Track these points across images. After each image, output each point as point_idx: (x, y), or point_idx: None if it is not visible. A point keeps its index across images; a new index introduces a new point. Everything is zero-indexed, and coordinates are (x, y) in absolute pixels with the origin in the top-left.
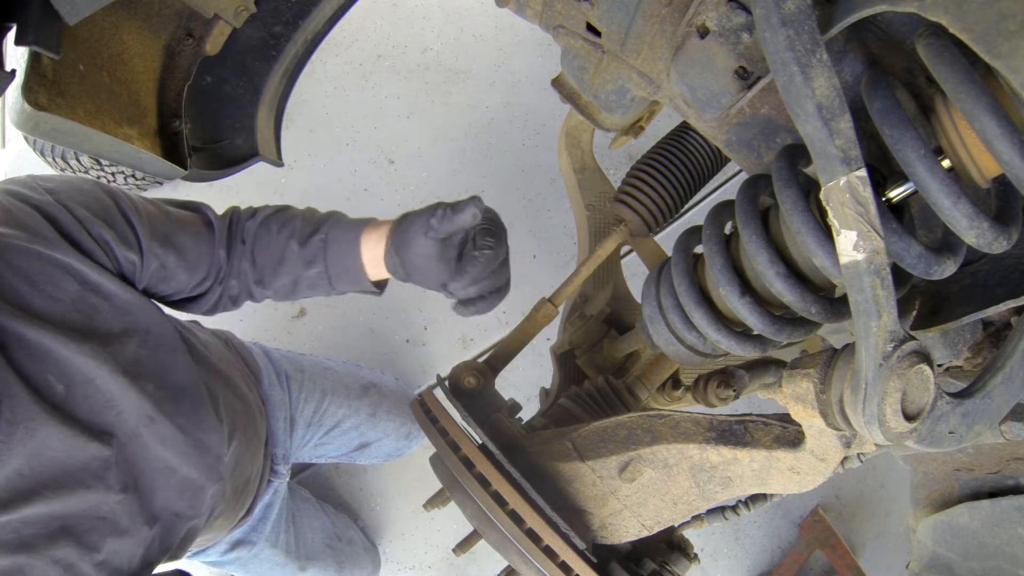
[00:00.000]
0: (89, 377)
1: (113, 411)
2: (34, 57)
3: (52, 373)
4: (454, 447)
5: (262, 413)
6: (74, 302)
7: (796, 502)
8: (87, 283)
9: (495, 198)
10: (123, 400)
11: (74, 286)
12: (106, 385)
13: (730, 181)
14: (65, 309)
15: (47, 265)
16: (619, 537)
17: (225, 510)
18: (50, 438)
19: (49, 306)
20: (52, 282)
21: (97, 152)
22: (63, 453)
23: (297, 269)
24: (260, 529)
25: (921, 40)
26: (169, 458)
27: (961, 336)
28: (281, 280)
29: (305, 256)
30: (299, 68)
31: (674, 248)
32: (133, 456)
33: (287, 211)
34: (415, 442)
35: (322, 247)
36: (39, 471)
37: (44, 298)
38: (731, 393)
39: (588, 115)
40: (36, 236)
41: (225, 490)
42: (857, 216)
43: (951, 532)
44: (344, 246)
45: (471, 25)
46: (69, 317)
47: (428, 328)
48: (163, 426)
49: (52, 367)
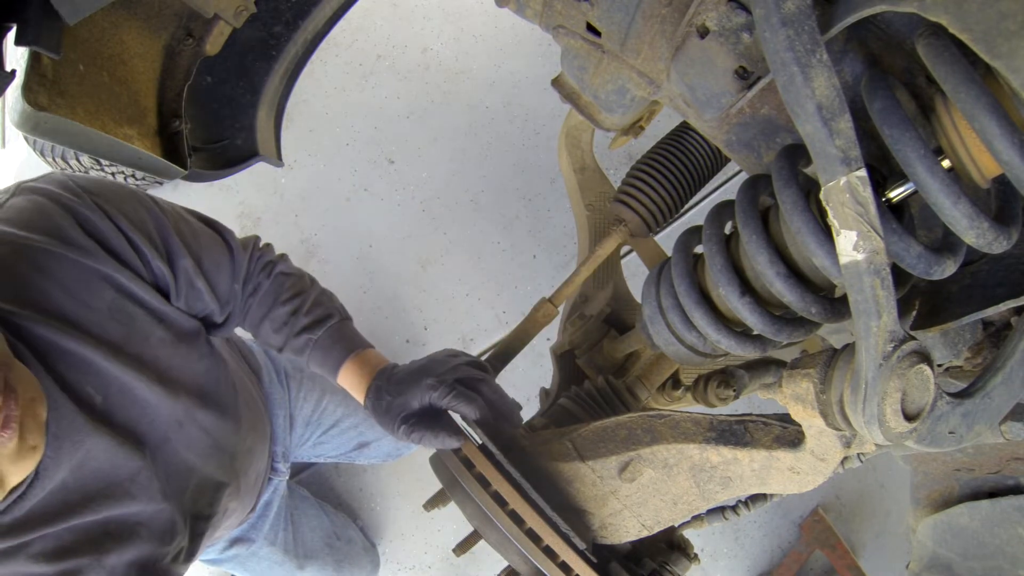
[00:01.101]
0: (127, 387)
1: (147, 420)
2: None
3: (91, 384)
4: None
5: (266, 410)
6: (111, 311)
7: (796, 502)
8: (123, 291)
9: (495, 198)
10: (158, 408)
11: (111, 294)
12: (143, 394)
13: (730, 181)
14: (102, 319)
15: (83, 273)
16: (619, 537)
17: (236, 508)
18: (94, 449)
19: (86, 315)
20: (89, 290)
21: (97, 152)
22: (108, 464)
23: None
24: (259, 527)
25: (921, 40)
26: (191, 459)
27: (961, 336)
28: (273, 339)
29: (295, 344)
30: (299, 68)
31: (674, 248)
32: (163, 463)
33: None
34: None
35: (308, 346)
36: (84, 483)
37: (81, 307)
38: (731, 393)
39: (588, 115)
40: (70, 242)
41: (239, 487)
42: (857, 216)
43: (951, 532)
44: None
45: (471, 25)
46: (106, 326)
47: (428, 328)
48: (191, 429)
49: (92, 378)
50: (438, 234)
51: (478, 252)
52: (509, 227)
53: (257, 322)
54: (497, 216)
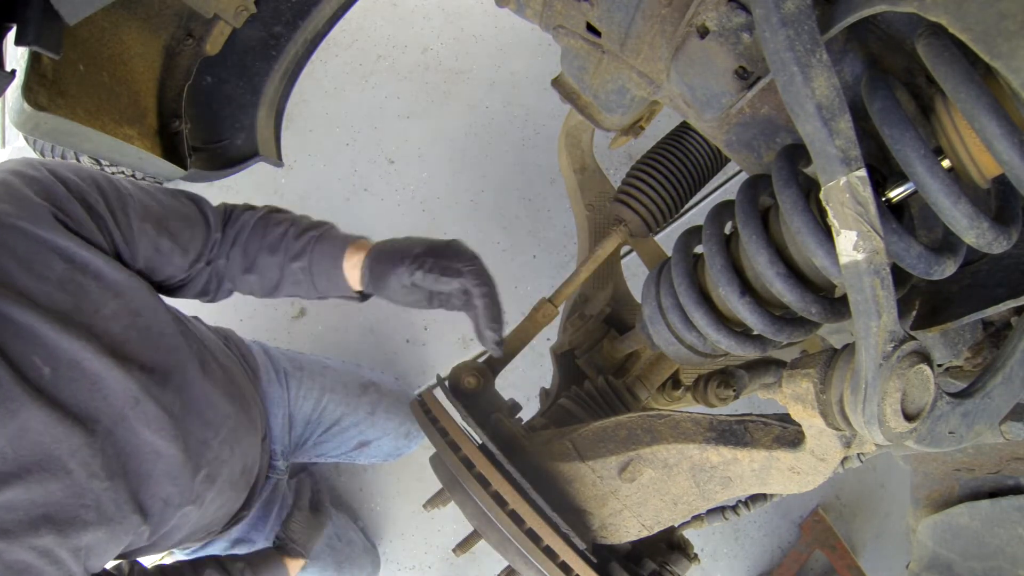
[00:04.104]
0: (75, 359)
1: (99, 395)
2: (34, 57)
3: (38, 355)
4: (454, 447)
5: (259, 405)
6: (61, 282)
7: (796, 502)
8: (73, 262)
9: (495, 198)
10: (108, 382)
11: (60, 265)
12: (91, 367)
13: (730, 181)
14: (52, 289)
15: (33, 243)
16: (619, 537)
17: (217, 498)
18: (32, 420)
19: (36, 285)
20: (39, 260)
21: (97, 152)
22: (47, 437)
23: (285, 260)
24: (259, 527)
25: (921, 40)
26: (156, 442)
27: (961, 336)
28: (270, 270)
29: (294, 248)
30: (299, 68)
31: (674, 248)
32: (120, 441)
33: (285, 211)
34: (415, 442)
35: (311, 243)
36: (21, 454)
37: (31, 277)
38: (731, 393)
39: (588, 115)
40: (23, 212)
41: (216, 475)
42: (857, 216)
43: (951, 532)
44: (329, 248)
45: (471, 25)
46: (56, 297)
47: (428, 328)
48: (148, 407)
49: (39, 348)
50: (438, 234)
51: (478, 252)
52: (509, 227)
53: (253, 256)
54: (497, 216)
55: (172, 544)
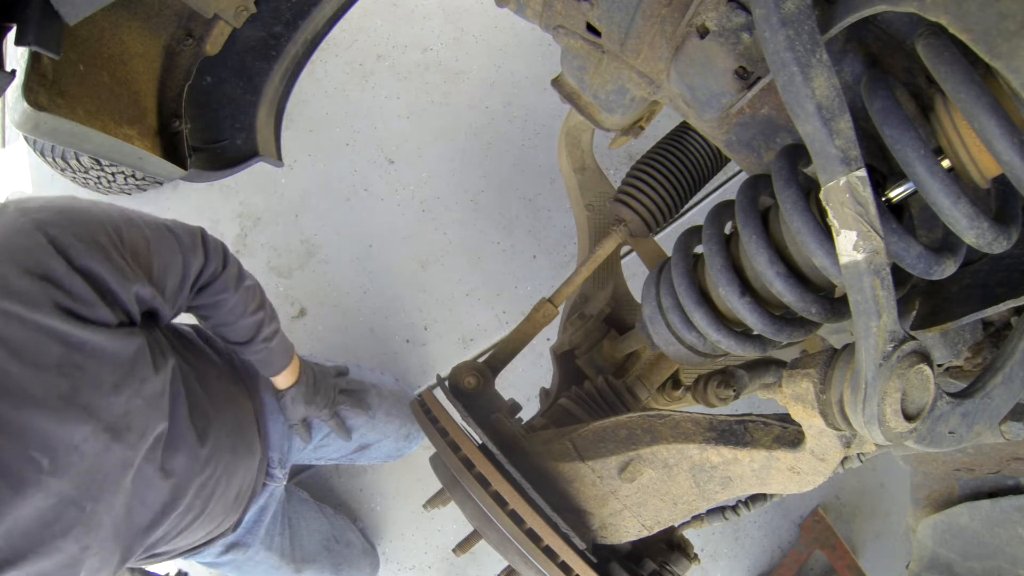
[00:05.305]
0: (73, 443)
1: (100, 473)
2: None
3: (35, 448)
4: (454, 447)
5: (259, 421)
6: (59, 367)
7: (796, 502)
8: (71, 344)
9: (495, 198)
10: (107, 457)
11: (57, 350)
12: (91, 447)
13: (730, 181)
14: (48, 376)
15: (28, 331)
16: (619, 537)
17: (208, 523)
18: (24, 513)
19: (31, 375)
20: (34, 347)
21: (97, 152)
22: (40, 523)
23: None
24: (254, 532)
25: (921, 40)
26: (151, 497)
27: (961, 336)
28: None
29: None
30: (299, 68)
31: (674, 248)
32: (116, 507)
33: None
34: (415, 443)
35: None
36: (13, 544)
37: (25, 367)
38: (731, 393)
39: (588, 115)
40: (18, 296)
41: (206, 509)
42: (857, 216)
43: (951, 532)
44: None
45: (471, 25)
46: (53, 383)
47: (428, 328)
48: (147, 469)
49: (35, 442)
50: (438, 234)
51: (478, 252)
52: (509, 227)
53: (221, 324)
54: (497, 216)
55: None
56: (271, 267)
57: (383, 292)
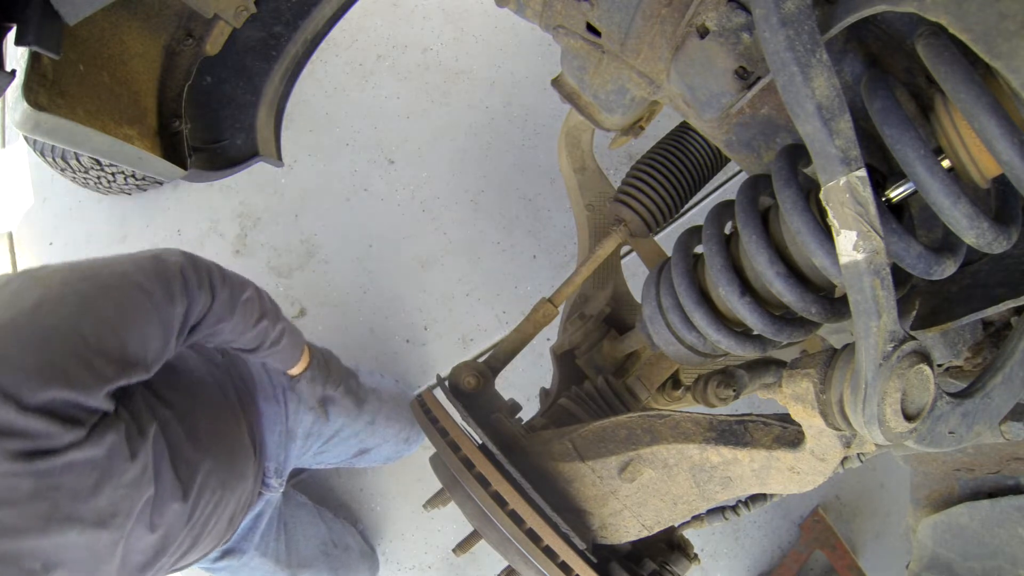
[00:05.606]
0: (63, 547)
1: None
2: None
3: (26, 561)
4: (454, 447)
5: (253, 437)
6: (34, 496)
7: (796, 502)
8: (40, 474)
9: (495, 198)
10: (97, 547)
11: (28, 484)
12: (81, 542)
13: (730, 181)
14: (25, 507)
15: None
16: (619, 537)
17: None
18: None
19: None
20: (6, 489)
21: (97, 152)
22: None
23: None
24: (249, 538)
25: (921, 40)
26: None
27: (961, 336)
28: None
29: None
30: (299, 68)
31: (674, 248)
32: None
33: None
34: (414, 446)
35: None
36: None
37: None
38: (731, 393)
39: (588, 115)
40: None
41: (199, 539)
42: (857, 216)
43: (951, 532)
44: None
45: (471, 25)
46: (31, 511)
47: (428, 328)
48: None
49: (24, 559)
50: (438, 234)
51: (478, 252)
52: (509, 227)
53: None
54: (497, 216)
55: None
56: (271, 267)
57: (383, 292)
